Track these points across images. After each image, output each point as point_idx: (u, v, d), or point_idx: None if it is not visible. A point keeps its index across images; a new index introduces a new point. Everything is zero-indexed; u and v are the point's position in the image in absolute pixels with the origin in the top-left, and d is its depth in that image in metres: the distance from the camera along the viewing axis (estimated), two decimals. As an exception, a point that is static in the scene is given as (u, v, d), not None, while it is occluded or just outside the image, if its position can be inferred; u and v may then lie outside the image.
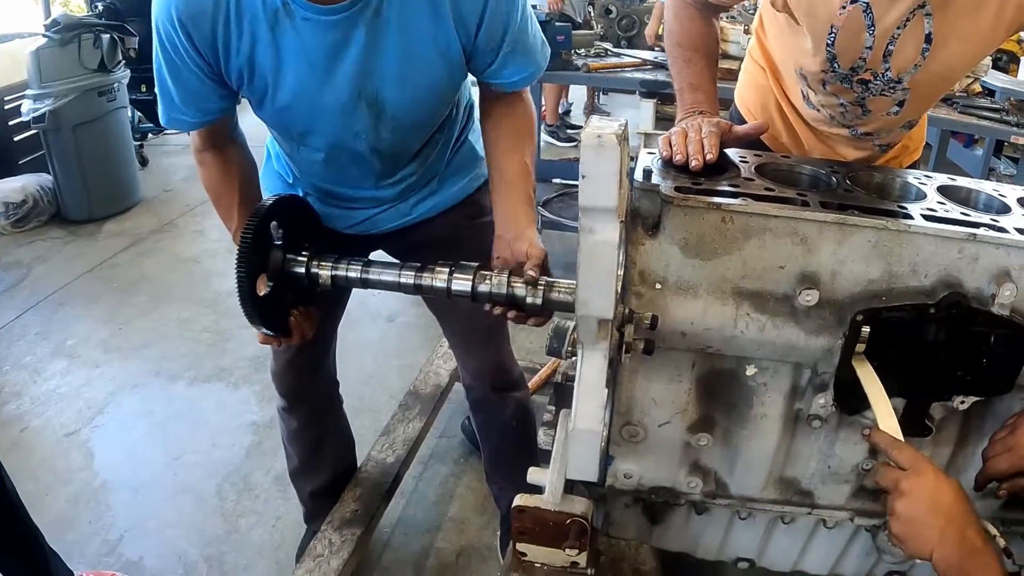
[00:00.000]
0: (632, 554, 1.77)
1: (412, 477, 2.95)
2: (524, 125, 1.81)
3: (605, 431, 1.23)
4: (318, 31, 1.54)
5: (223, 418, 3.37)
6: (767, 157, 1.59)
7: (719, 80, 1.82)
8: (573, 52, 4.79)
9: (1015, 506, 1.50)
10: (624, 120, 1.07)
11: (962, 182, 1.53)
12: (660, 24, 5.75)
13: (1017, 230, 1.25)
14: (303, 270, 1.61)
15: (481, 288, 1.51)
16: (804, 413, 1.40)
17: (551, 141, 7.31)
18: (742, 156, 1.54)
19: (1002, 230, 1.25)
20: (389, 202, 1.96)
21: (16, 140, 5.54)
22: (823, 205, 1.28)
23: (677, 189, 1.29)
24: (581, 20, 6.87)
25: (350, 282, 1.60)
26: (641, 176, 1.29)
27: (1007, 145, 5.09)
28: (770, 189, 1.34)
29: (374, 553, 2.63)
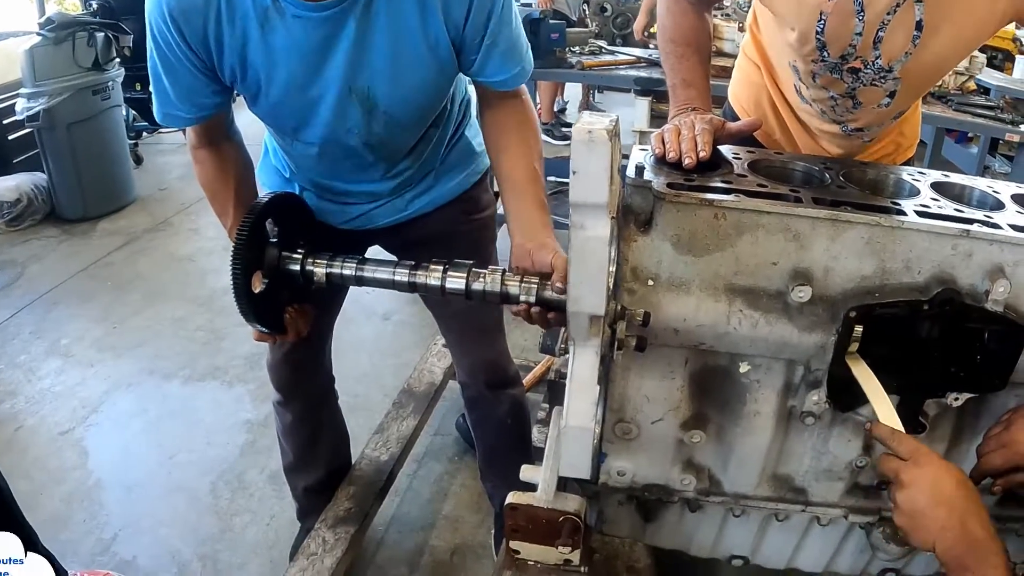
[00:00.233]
0: (626, 552, 1.76)
1: (406, 475, 2.95)
2: (525, 126, 1.79)
3: (598, 428, 1.23)
4: (309, 28, 1.54)
5: (217, 417, 3.37)
6: (760, 153, 1.58)
7: (713, 77, 1.81)
8: (567, 50, 4.79)
9: (1010, 503, 1.50)
10: (615, 116, 1.06)
11: (956, 178, 1.52)
12: (648, 19, 5.75)
13: (1011, 226, 1.25)
14: (298, 267, 1.62)
15: (475, 286, 1.51)
16: (797, 410, 1.39)
17: (546, 139, 7.29)
18: (735, 152, 1.53)
19: (996, 226, 1.24)
20: (384, 197, 1.96)
21: (10, 139, 5.53)
22: (816, 201, 1.27)
23: (669, 185, 1.28)
24: (575, 18, 6.87)
25: (345, 280, 1.60)
26: (633, 172, 1.29)
27: (1002, 143, 5.09)
28: (763, 185, 1.33)
29: (368, 551, 2.63)
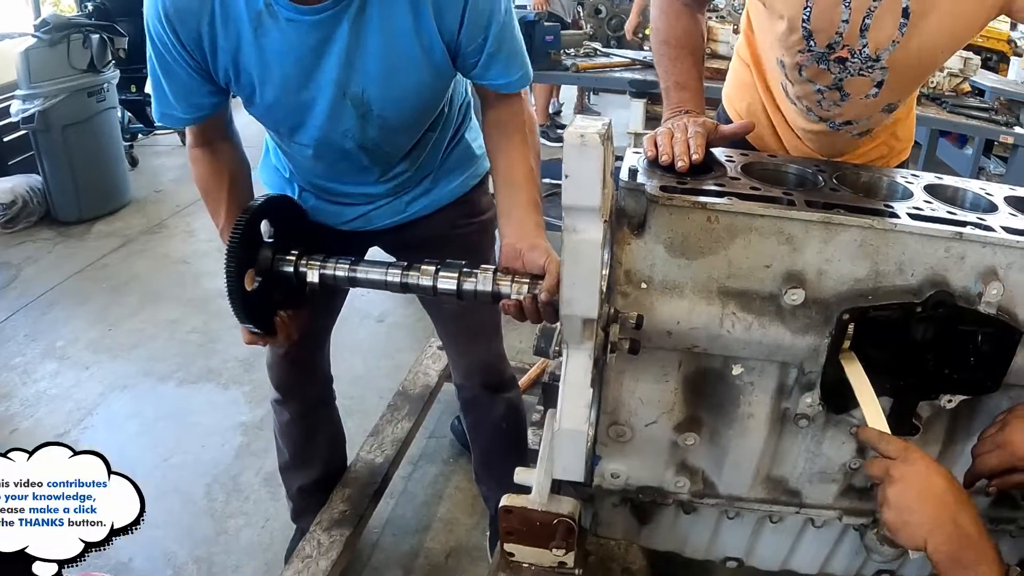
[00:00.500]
0: (621, 554, 1.76)
1: (401, 477, 2.94)
2: (525, 126, 1.80)
3: (591, 431, 1.22)
4: (302, 31, 1.54)
5: (212, 419, 3.36)
6: (753, 156, 1.59)
7: (707, 79, 1.81)
8: (562, 52, 4.79)
9: (1003, 504, 1.51)
10: (608, 119, 1.06)
11: (949, 181, 1.53)
12: (640, 19, 5.75)
13: (1004, 229, 1.25)
14: (291, 268, 1.62)
15: (466, 286, 1.51)
16: (791, 412, 1.40)
17: (541, 141, 7.29)
18: (728, 155, 1.54)
19: (989, 229, 1.25)
20: (382, 199, 1.96)
21: (5, 141, 5.51)
22: (809, 204, 1.27)
23: (662, 188, 1.29)
24: (569, 19, 6.87)
25: (338, 281, 1.60)
26: (626, 175, 1.29)
27: (996, 144, 5.10)
28: (756, 188, 1.33)
29: (363, 554, 2.62)
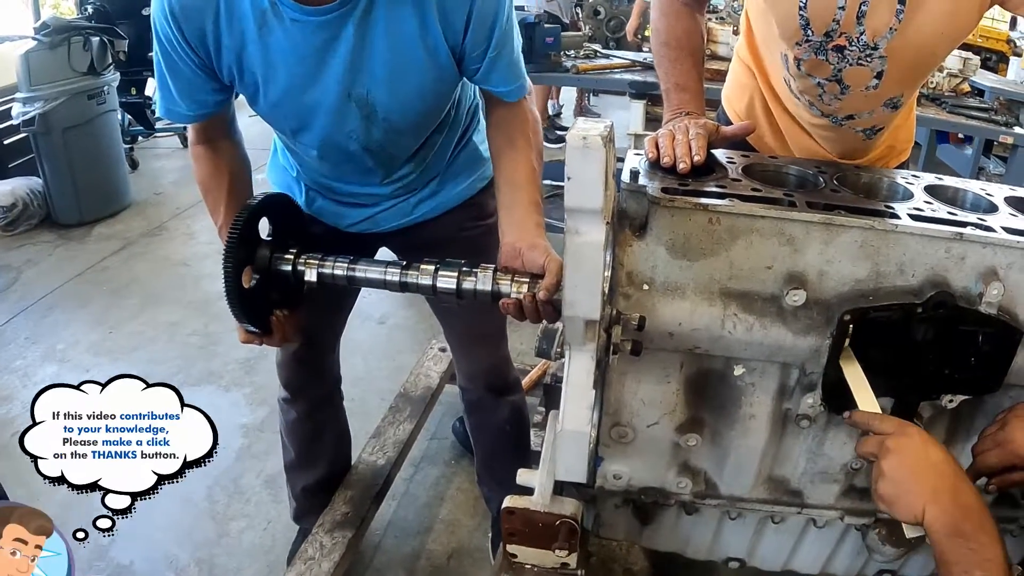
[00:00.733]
0: (623, 555, 1.77)
1: (403, 479, 2.94)
2: (528, 127, 1.79)
3: (593, 432, 1.23)
4: (307, 31, 1.54)
5: (213, 421, 3.35)
6: (754, 158, 1.59)
7: (707, 81, 1.81)
8: (562, 54, 4.80)
9: (1004, 503, 1.51)
10: (610, 122, 1.07)
11: (949, 181, 1.53)
12: (640, 21, 5.75)
13: (1004, 229, 1.26)
14: (289, 267, 1.61)
15: (465, 285, 1.51)
16: (792, 413, 1.40)
17: None
18: (729, 157, 1.54)
19: (989, 229, 1.25)
20: (388, 200, 1.96)
21: (6, 143, 5.51)
22: (810, 205, 1.28)
23: (664, 190, 1.29)
24: (568, 20, 6.87)
25: (336, 279, 1.60)
26: (628, 177, 1.29)
27: (996, 144, 5.10)
28: (757, 190, 1.34)
29: (365, 556, 2.62)
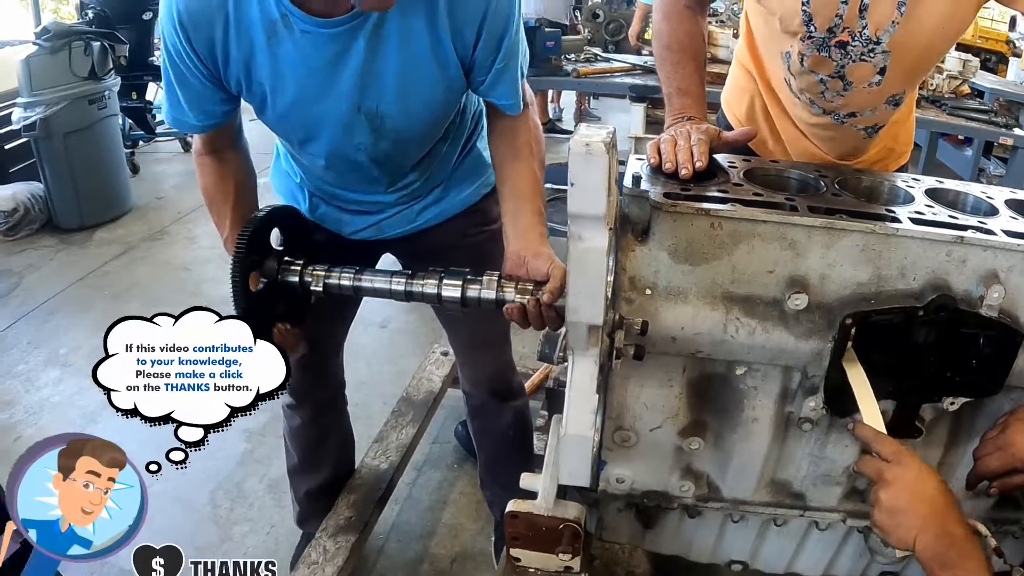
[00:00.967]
0: (626, 558, 1.77)
1: (406, 483, 2.94)
2: (531, 137, 1.78)
3: (597, 436, 1.23)
4: (318, 44, 1.53)
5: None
6: (756, 162, 1.59)
7: (707, 84, 1.81)
8: (563, 57, 4.81)
9: (1006, 505, 1.51)
10: (612, 128, 1.07)
11: (950, 185, 1.54)
12: (643, 25, 5.76)
13: (1005, 232, 1.26)
14: (296, 278, 1.62)
15: (470, 293, 1.51)
16: (795, 416, 1.40)
17: None
18: (731, 161, 1.54)
19: (990, 232, 1.26)
20: (392, 207, 1.96)
21: (7, 148, 5.51)
22: (811, 209, 1.28)
23: (666, 195, 1.29)
24: (567, 23, 6.87)
25: (342, 289, 1.60)
26: (630, 182, 1.30)
27: (996, 146, 5.10)
28: (759, 194, 1.34)
29: (369, 560, 2.62)
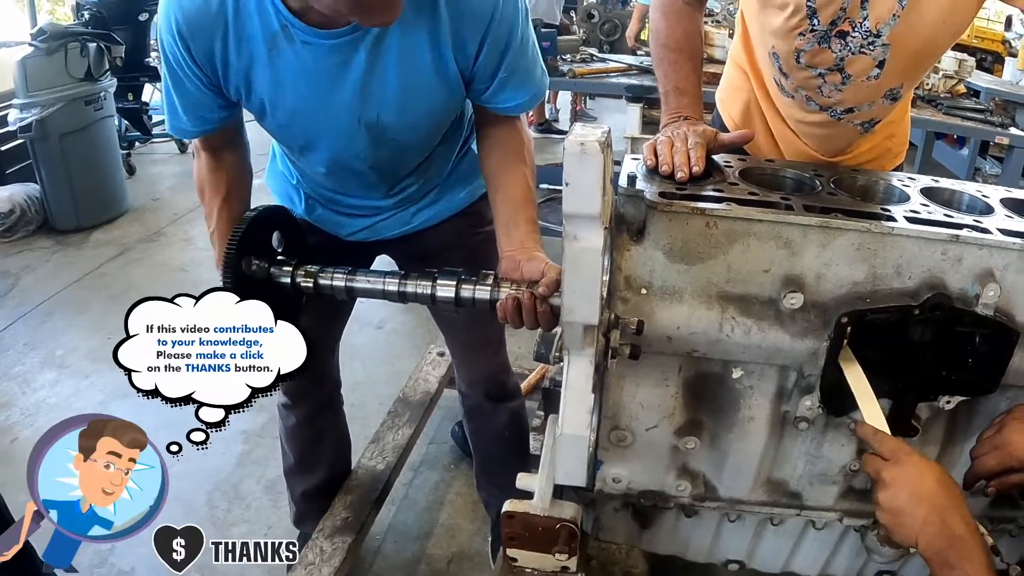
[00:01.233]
0: (623, 558, 1.77)
1: (402, 484, 2.94)
2: (522, 147, 1.78)
3: (593, 436, 1.23)
4: (318, 55, 1.53)
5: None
6: (751, 162, 1.59)
7: (703, 84, 1.81)
8: (559, 58, 4.81)
9: (1003, 504, 1.51)
10: (607, 127, 1.07)
11: (945, 184, 1.54)
12: (640, 26, 5.77)
13: (1000, 231, 1.26)
14: (288, 280, 1.61)
15: (464, 294, 1.51)
16: (791, 415, 1.41)
17: (536, 135, 7.34)
18: (726, 161, 1.54)
19: (985, 231, 1.26)
20: (388, 211, 1.96)
21: (3, 149, 5.50)
22: (807, 209, 1.28)
23: (661, 195, 1.29)
24: (557, 23, 6.87)
25: (335, 291, 1.60)
26: (625, 182, 1.30)
27: (992, 145, 5.11)
28: (754, 193, 1.34)
29: (365, 561, 2.62)
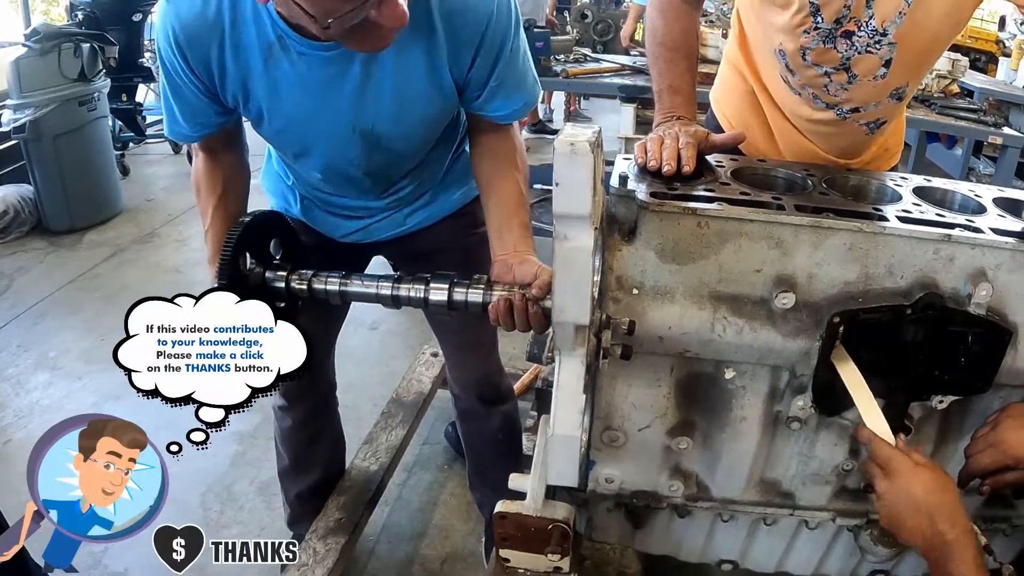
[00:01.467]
0: (617, 558, 1.77)
1: (396, 484, 2.93)
2: (515, 153, 1.79)
3: (584, 436, 1.23)
4: (313, 65, 1.55)
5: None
6: (743, 161, 1.59)
7: (697, 84, 1.81)
8: (552, 58, 4.81)
9: (996, 503, 1.51)
10: (598, 127, 1.07)
11: (937, 183, 1.54)
12: (635, 26, 5.77)
13: (992, 230, 1.26)
14: (283, 284, 1.61)
15: (456, 297, 1.51)
16: (783, 415, 1.40)
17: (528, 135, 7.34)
18: (718, 161, 1.54)
19: (977, 230, 1.26)
20: (381, 212, 1.97)
21: (-4, 150, 5.49)
22: (798, 208, 1.28)
23: (653, 194, 1.29)
24: (544, 23, 6.86)
25: (329, 295, 1.59)
26: (617, 182, 1.30)
27: (986, 145, 5.11)
28: (745, 193, 1.34)
29: (359, 562, 2.62)
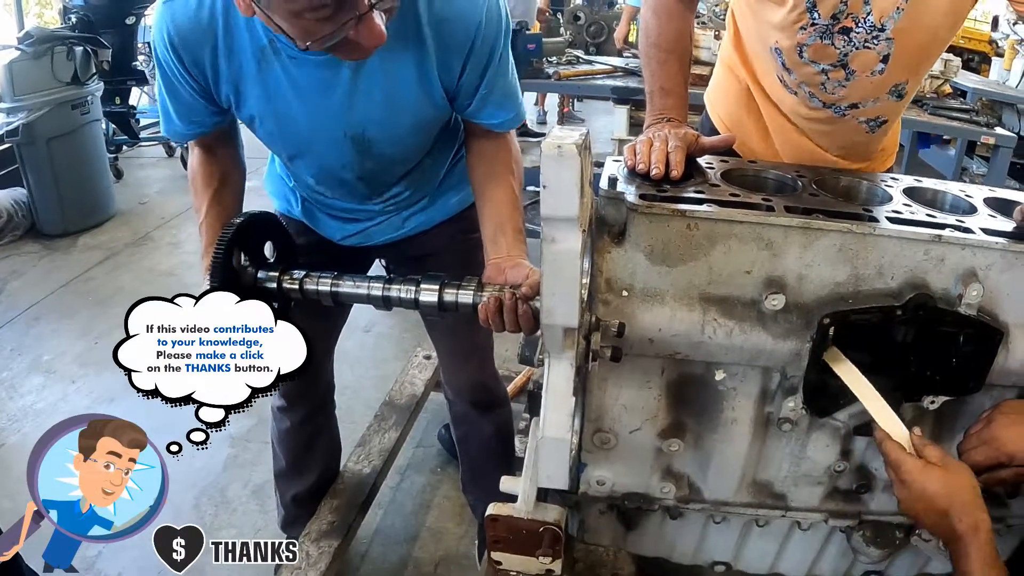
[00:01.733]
0: (611, 560, 1.77)
1: (389, 487, 2.93)
2: (510, 159, 1.80)
3: (575, 439, 1.23)
4: (305, 69, 1.57)
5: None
6: (733, 163, 1.59)
7: (690, 86, 1.81)
8: (544, 60, 4.81)
9: (990, 502, 1.51)
10: (585, 130, 1.07)
11: (928, 184, 1.54)
12: (629, 28, 5.77)
13: (983, 230, 1.26)
14: (274, 285, 1.61)
15: (447, 297, 1.51)
16: (774, 417, 1.40)
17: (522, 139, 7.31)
18: (708, 162, 1.54)
19: (968, 231, 1.26)
20: (379, 216, 1.99)
21: (-11, 154, 5.48)
22: (788, 210, 1.28)
23: (642, 196, 1.28)
24: (528, 22, 6.86)
25: (320, 296, 1.60)
26: (606, 184, 1.29)
27: (979, 145, 5.12)
28: (735, 195, 1.33)
29: (352, 565, 2.62)
